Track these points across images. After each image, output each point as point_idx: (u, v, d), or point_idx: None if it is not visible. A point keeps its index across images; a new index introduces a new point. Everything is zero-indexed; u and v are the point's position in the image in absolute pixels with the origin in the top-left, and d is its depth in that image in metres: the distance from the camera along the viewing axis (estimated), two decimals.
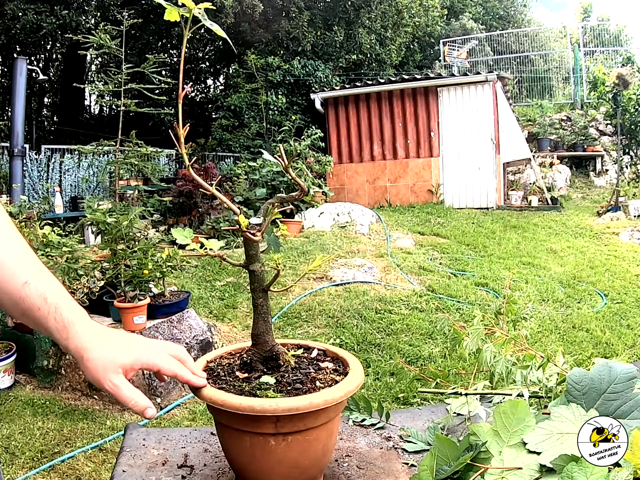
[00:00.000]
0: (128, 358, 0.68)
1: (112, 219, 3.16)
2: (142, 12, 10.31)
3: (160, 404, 2.90)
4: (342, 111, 9.79)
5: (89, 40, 3.96)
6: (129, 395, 0.67)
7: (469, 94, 9.02)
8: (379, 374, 3.21)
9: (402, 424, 1.02)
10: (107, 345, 0.67)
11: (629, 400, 0.69)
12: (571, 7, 43.05)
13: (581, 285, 5.00)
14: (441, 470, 0.67)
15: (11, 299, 0.65)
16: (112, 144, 4.20)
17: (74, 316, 0.67)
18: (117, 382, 0.66)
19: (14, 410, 2.82)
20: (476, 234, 6.95)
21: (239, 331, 3.79)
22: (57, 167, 7.82)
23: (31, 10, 9.04)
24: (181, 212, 7.19)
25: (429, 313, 4.07)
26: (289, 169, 0.77)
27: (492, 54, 14.68)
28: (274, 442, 0.72)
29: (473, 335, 1.00)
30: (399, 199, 9.28)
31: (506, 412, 0.70)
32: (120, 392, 0.66)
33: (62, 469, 2.31)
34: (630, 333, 3.88)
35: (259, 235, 0.80)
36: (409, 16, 12.88)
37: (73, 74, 12.77)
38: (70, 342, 0.66)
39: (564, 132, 11.57)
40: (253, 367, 0.83)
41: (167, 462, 0.88)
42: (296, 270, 4.81)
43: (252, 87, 10.71)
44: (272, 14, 10.99)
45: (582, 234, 7.14)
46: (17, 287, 0.65)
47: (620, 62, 12.12)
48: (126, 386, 0.67)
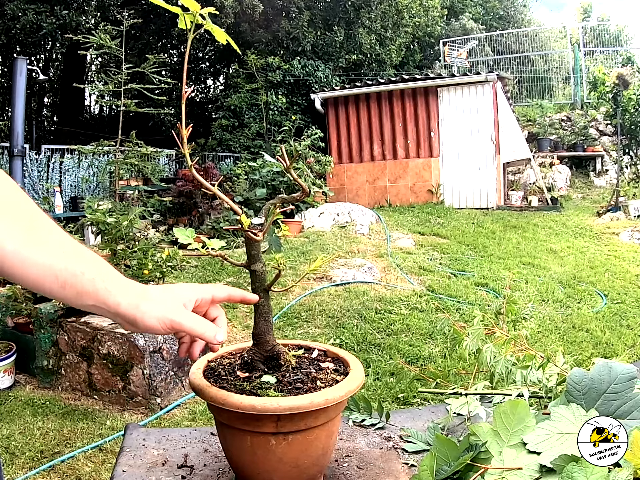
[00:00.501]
0: (187, 294, 0.68)
1: (112, 219, 3.16)
2: (142, 12, 10.31)
3: (160, 404, 2.90)
4: (342, 111, 9.79)
5: (89, 40, 3.97)
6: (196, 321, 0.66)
7: (469, 94, 9.02)
8: (379, 374, 3.21)
9: (402, 424, 1.02)
10: (160, 290, 0.67)
11: (629, 400, 0.69)
12: (571, 7, 43.07)
13: (581, 286, 5.00)
14: (441, 470, 0.68)
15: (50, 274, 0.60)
16: (112, 144, 4.20)
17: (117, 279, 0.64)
18: (180, 315, 0.65)
19: (14, 410, 2.83)
20: (476, 234, 6.95)
21: (239, 331, 3.79)
22: (57, 167, 7.82)
23: (31, 10, 9.04)
24: (181, 212, 7.20)
25: (429, 313, 4.07)
26: (291, 169, 0.78)
27: (492, 54, 14.68)
28: (274, 442, 0.72)
29: (473, 336, 1.00)
30: (399, 199, 9.28)
31: (506, 412, 0.70)
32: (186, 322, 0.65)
33: (62, 469, 2.31)
34: (630, 333, 3.89)
35: (260, 235, 0.80)
36: (409, 16, 12.89)
37: (73, 74, 12.77)
38: (122, 299, 0.62)
39: (564, 132, 11.57)
40: (254, 367, 0.83)
41: (167, 462, 0.88)
42: (296, 270, 4.81)
43: (252, 87, 10.71)
44: (272, 14, 10.99)
45: (582, 234, 7.14)
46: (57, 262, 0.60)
47: (620, 62, 12.13)
48: (194, 317, 0.66)
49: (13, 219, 0.57)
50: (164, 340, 3.06)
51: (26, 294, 3.23)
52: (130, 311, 0.62)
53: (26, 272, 0.58)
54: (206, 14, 0.71)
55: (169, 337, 3.13)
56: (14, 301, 3.21)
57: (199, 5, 0.70)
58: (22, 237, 0.57)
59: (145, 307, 0.63)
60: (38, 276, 0.59)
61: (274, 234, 4.89)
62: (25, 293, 3.23)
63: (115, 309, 0.62)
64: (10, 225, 0.57)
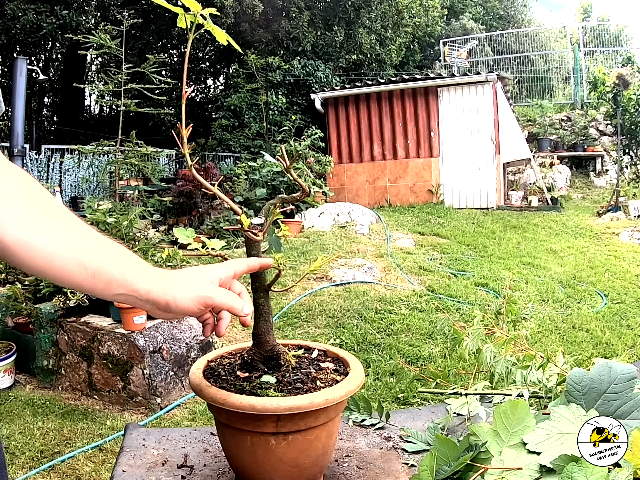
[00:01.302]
0: (211, 273, 0.69)
1: (112, 219, 3.16)
2: (142, 12, 10.31)
3: (160, 404, 2.90)
4: (342, 111, 9.79)
5: (89, 40, 3.97)
6: (227, 294, 0.67)
7: (469, 94, 9.02)
8: (379, 374, 3.21)
9: (402, 424, 1.02)
10: (185, 273, 0.68)
11: (629, 400, 0.69)
12: (571, 7, 43.09)
13: (581, 286, 5.00)
14: (441, 470, 0.68)
15: (79, 265, 0.61)
16: (112, 144, 4.20)
17: (143, 267, 0.65)
18: (210, 292, 0.66)
19: (14, 410, 2.83)
20: (476, 234, 6.95)
21: (239, 331, 3.79)
22: (57, 167, 7.82)
23: (31, 10, 9.04)
24: (181, 212, 7.20)
25: (429, 313, 4.07)
26: (291, 169, 0.78)
27: (492, 54, 14.68)
28: (274, 442, 0.72)
29: (473, 336, 1.00)
30: (399, 199, 9.28)
31: (506, 413, 0.70)
32: (218, 296, 0.66)
33: (62, 469, 2.31)
34: (630, 333, 3.89)
35: (260, 235, 0.80)
36: (409, 16, 12.89)
37: (73, 74, 12.77)
38: (152, 285, 0.63)
39: (564, 132, 11.58)
40: (254, 367, 0.83)
41: (167, 462, 0.88)
42: (296, 270, 4.81)
43: (252, 87, 10.71)
44: (272, 14, 10.99)
45: (582, 234, 7.15)
46: (86, 254, 0.61)
47: (620, 62, 12.12)
48: (224, 291, 0.67)
49: (45, 217, 0.59)
50: (164, 340, 3.06)
51: (26, 294, 3.23)
52: (162, 296, 0.63)
53: (54, 266, 0.59)
54: (207, 14, 0.71)
55: (169, 337, 3.13)
56: (14, 301, 3.21)
57: (199, 6, 0.70)
58: (50, 231, 0.59)
59: (176, 290, 0.64)
60: (67, 268, 0.59)
61: (274, 234, 4.89)
62: (25, 293, 3.23)
63: (146, 296, 0.63)
64: (41, 221, 0.59)
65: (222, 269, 0.70)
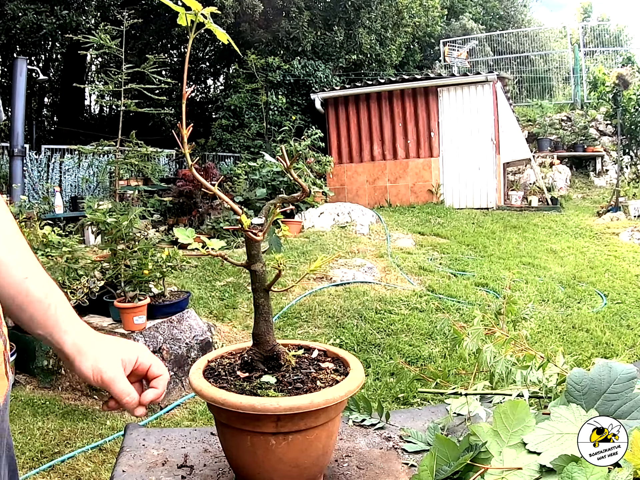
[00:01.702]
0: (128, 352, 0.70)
1: (112, 219, 3.16)
2: (142, 12, 10.31)
3: (160, 404, 2.90)
4: (342, 111, 9.79)
5: (89, 40, 3.97)
6: (125, 389, 0.67)
7: (469, 94, 9.02)
8: (379, 374, 3.21)
9: (402, 424, 1.02)
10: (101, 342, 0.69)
11: (629, 400, 0.69)
12: (571, 7, 43.10)
13: (581, 286, 5.00)
14: (441, 470, 0.68)
15: (10, 292, 0.65)
16: (112, 144, 4.20)
17: (71, 316, 0.68)
18: (114, 374, 0.66)
19: (14, 410, 2.82)
20: (476, 234, 6.95)
21: (239, 331, 3.79)
22: (57, 167, 7.81)
23: (31, 10, 9.04)
24: (181, 212, 7.19)
25: (429, 313, 4.07)
26: (291, 169, 0.78)
27: (492, 54, 14.68)
28: (274, 442, 0.72)
29: (473, 336, 1.00)
30: (399, 199, 9.28)
31: (506, 413, 0.70)
32: (117, 384, 0.66)
33: (62, 469, 2.31)
34: (630, 333, 3.88)
35: (260, 235, 0.80)
36: (409, 16, 12.88)
37: (73, 74, 12.77)
38: (68, 337, 0.66)
39: (564, 132, 11.57)
40: (254, 367, 0.83)
41: (167, 462, 0.88)
42: (296, 270, 4.81)
43: (252, 87, 10.71)
44: (272, 14, 10.99)
45: (582, 234, 7.14)
46: (18, 280, 0.65)
47: (620, 62, 12.12)
48: (122, 380, 0.67)
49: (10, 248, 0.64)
50: (164, 340, 3.06)
51: None
52: (71, 352, 0.66)
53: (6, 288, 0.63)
54: (208, 13, 0.71)
55: (169, 337, 3.13)
56: None
57: (200, 5, 0.70)
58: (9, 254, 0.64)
59: (85, 353, 0.66)
60: (16, 292, 0.63)
61: (274, 234, 4.89)
62: None
63: (59, 345, 0.66)
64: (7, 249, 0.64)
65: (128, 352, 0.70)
